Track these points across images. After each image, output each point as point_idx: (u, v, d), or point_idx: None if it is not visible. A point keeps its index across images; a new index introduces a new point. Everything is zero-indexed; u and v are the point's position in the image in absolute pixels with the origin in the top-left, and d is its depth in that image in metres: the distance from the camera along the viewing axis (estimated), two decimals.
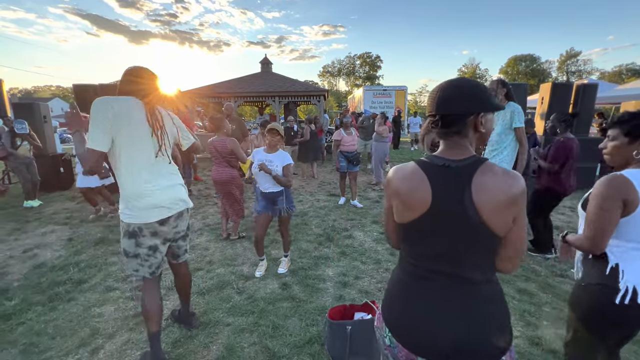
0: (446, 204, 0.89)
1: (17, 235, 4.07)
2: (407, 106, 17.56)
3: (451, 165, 0.91)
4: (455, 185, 0.89)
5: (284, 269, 3.08)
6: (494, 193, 0.86)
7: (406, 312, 0.97)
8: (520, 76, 47.60)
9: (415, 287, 0.98)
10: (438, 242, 0.92)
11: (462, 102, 0.90)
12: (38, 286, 2.85)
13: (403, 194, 0.96)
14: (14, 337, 2.18)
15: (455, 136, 0.93)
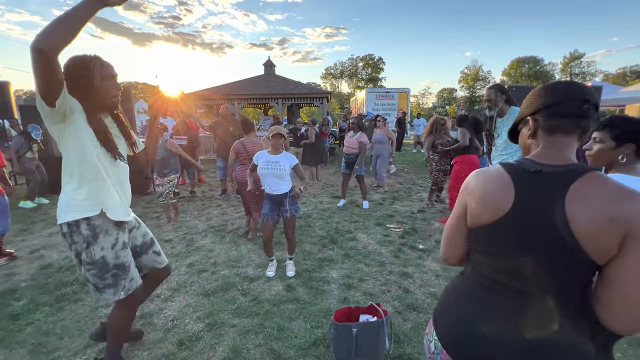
0: (531, 209, 0.77)
1: (24, 236, 4.11)
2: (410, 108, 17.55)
3: (543, 170, 0.79)
4: (545, 193, 0.76)
5: (292, 272, 3.08)
6: (596, 207, 0.70)
7: (459, 319, 0.90)
8: (523, 78, 47.46)
9: (476, 297, 0.88)
10: (518, 254, 0.79)
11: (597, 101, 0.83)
12: (45, 287, 2.87)
13: (480, 193, 0.85)
14: (22, 337, 2.21)
15: (562, 143, 0.81)
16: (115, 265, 1.62)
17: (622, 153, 1.29)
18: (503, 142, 2.93)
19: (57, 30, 1.20)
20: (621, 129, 1.29)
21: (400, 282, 2.92)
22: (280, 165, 2.85)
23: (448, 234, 0.99)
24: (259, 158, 2.95)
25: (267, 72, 14.39)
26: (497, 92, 2.89)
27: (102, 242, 1.59)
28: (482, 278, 0.88)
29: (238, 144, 3.80)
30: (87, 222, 1.56)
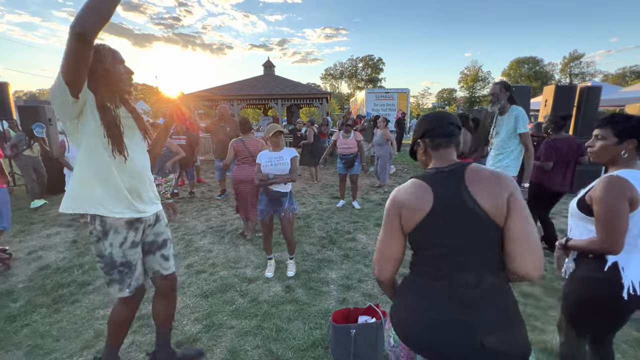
0: (448, 199, 0.99)
1: (22, 237, 4.10)
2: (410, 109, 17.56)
3: (439, 169, 1.06)
4: (452, 183, 1.01)
5: (293, 272, 3.08)
6: (485, 185, 0.98)
7: (410, 310, 1.04)
8: (523, 78, 47.47)
9: (422, 288, 1.03)
10: (446, 237, 0.99)
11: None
12: (42, 288, 2.86)
13: (409, 201, 1.03)
14: (18, 339, 2.19)
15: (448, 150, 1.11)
16: (121, 263, 1.61)
17: (625, 149, 1.32)
18: (500, 141, 2.90)
19: (96, 11, 1.18)
20: (623, 125, 1.32)
21: None
22: (284, 159, 2.91)
23: (382, 250, 1.11)
24: (262, 157, 2.97)
25: (267, 72, 14.40)
26: (501, 87, 2.87)
27: (111, 239, 1.56)
28: (425, 270, 1.04)
29: (238, 142, 3.79)
30: (100, 219, 1.54)
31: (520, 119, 2.78)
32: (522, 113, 2.80)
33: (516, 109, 2.82)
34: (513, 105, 2.86)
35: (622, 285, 1.28)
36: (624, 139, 1.32)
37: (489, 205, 0.95)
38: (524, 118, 2.78)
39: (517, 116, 2.79)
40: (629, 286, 1.27)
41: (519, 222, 0.94)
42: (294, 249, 3.15)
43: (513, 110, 2.83)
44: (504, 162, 2.90)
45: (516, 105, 2.86)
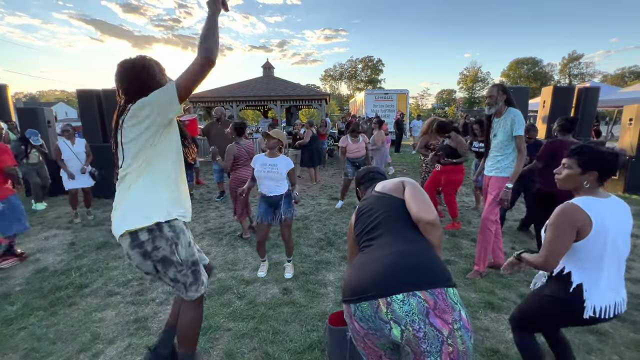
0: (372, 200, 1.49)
1: (20, 239, 4.08)
2: (409, 110, 17.58)
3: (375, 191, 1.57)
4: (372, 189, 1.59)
5: (291, 274, 3.09)
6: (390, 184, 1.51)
7: (353, 270, 1.28)
8: (522, 79, 47.54)
9: (363, 258, 1.29)
10: (371, 218, 1.41)
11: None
12: (40, 291, 2.85)
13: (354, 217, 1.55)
14: (15, 342, 2.19)
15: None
16: (192, 262, 1.62)
17: (587, 179, 1.44)
18: (498, 143, 2.90)
19: (214, 41, 1.43)
20: (588, 157, 1.44)
21: None
22: (277, 168, 2.86)
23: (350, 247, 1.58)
24: (256, 161, 2.95)
25: (266, 74, 14.42)
26: (499, 90, 2.86)
27: (182, 241, 1.56)
28: (366, 249, 1.34)
29: (238, 147, 3.85)
30: (169, 224, 1.51)
31: (517, 121, 2.77)
32: (519, 116, 2.79)
33: (513, 112, 2.81)
34: (510, 108, 2.86)
35: (584, 307, 1.40)
36: (587, 170, 1.43)
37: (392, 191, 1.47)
38: (520, 121, 2.77)
39: (514, 119, 2.78)
40: (591, 308, 1.39)
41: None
42: (292, 252, 3.15)
43: (510, 112, 2.82)
44: (503, 164, 2.90)
45: (513, 108, 2.85)
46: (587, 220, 1.35)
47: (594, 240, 1.36)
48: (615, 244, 1.38)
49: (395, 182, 1.47)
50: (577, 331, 2.20)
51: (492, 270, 3.09)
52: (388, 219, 1.34)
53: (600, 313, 1.39)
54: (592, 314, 1.39)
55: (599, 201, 1.40)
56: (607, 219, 1.36)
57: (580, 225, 1.36)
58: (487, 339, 2.18)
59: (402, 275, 1.12)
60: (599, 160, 1.41)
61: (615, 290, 1.42)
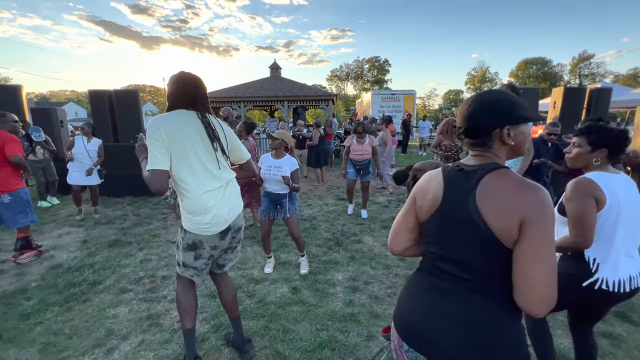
0: (453, 205, 0.94)
1: (35, 237, 4.17)
2: (416, 110, 17.50)
3: (464, 169, 0.96)
4: (463, 187, 0.92)
5: (306, 270, 3.16)
6: (499, 198, 0.85)
7: (404, 299, 1.06)
8: (531, 80, 46.95)
9: (421, 283, 1.03)
10: (448, 242, 0.95)
11: (484, 115, 0.93)
12: (55, 287, 2.92)
13: (423, 190, 1.03)
14: (32, 337, 2.25)
15: (478, 148, 0.97)
16: None
17: (597, 156, 1.48)
18: None
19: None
20: (597, 135, 1.47)
21: None
22: (282, 170, 2.91)
23: (396, 224, 1.13)
24: (263, 162, 3.02)
25: (273, 74, 14.49)
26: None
27: None
28: (427, 265, 1.03)
29: (248, 145, 4.08)
30: None
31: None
32: None
33: None
34: None
35: (596, 280, 1.41)
36: (597, 148, 1.47)
37: (493, 220, 0.84)
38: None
39: None
40: (604, 281, 1.40)
41: (521, 256, 0.81)
42: (303, 247, 3.20)
43: None
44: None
45: None
46: (601, 193, 1.36)
47: (608, 214, 1.37)
48: (629, 217, 1.38)
49: (508, 211, 0.83)
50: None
51: None
52: (456, 265, 0.92)
53: (614, 287, 1.38)
54: (605, 287, 1.39)
55: (610, 176, 1.42)
56: (620, 193, 1.37)
57: (597, 196, 1.36)
58: None
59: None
60: (608, 137, 1.44)
61: (631, 262, 1.42)
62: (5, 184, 3.22)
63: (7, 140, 3.19)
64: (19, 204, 3.31)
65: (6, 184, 3.22)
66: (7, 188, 3.23)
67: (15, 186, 3.30)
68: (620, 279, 1.39)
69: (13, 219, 3.29)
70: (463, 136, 0.99)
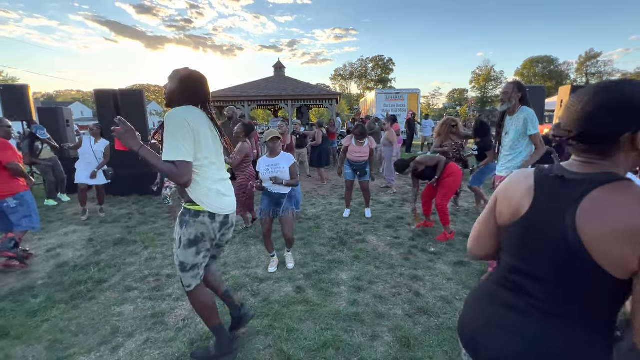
0: (543, 217, 0.79)
1: (41, 235, 4.23)
2: (420, 109, 17.42)
3: (566, 177, 0.78)
4: (562, 198, 0.76)
5: (292, 264, 3.26)
6: (614, 217, 0.68)
7: (469, 306, 0.99)
8: (537, 78, 46.49)
9: (489, 290, 0.95)
10: (528, 255, 0.83)
11: (611, 116, 0.72)
12: (61, 284, 2.95)
13: (506, 193, 0.91)
14: (39, 334, 2.27)
15: (592, 155, 0.77)
16: None
17: None
18: (510, 141, 2.87)
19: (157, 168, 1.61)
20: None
21: (411, 285, 2.89)
22: (280, 166, 3.00)
23: (476, 227, 1.03)
24: (260, 164, 3.09)
25: (277, 73, 14.48)
26: (514, 87, 2.82)
27: None
28: (498, 275, 0.93)
29: (249, 148, 4.15)
30: None
31: (530, 120, 2.72)
32: (532, 114, 2.73)
33: (525, 110, 2.76)
34: (523, 107, 2.81)
35: None
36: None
37: (598, 244, 0.69)
38: (533, 119, 2.72)
39: (526, 118, 2.73)
40: None
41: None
42: (292, 245, 3.31)
43: (522, 111, 2.78)
44: (514, 163, 2.86)
45: (526, 107, 2.80)
46: None
47: None
48: None
49: (624, 240, 0.67)
50: None
51: None
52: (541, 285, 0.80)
53: None
54: None
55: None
56: None
57: None
58: None
59: None
60: None
61: None
62: (7, 188, 3.20)
63: (1, 147, 3.15)
64: (25, 208, 3.30)
65: (8, 188, 3.20)
66: (10, 192, 3.21)
67: (19, 189, 3.28)
68: None
69: (18, 222, 3.29)
70: (573, 142, 0.78)
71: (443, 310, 2.51)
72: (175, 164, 1.57)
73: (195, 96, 1.75)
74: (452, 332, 2.25)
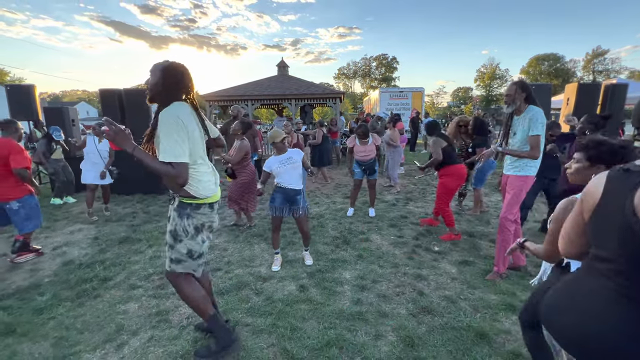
0: (610, 206, 0.91)
1: (48, 234, 4.27)
2: (425, 108, 17.33)
3: (630, 169, 0.90)
4: (624, 188, 0.87)
5: (311, 261, 3.33)
6: None
7: (558, 293, 1.09)
8: (543, 76, 46.02)
9: (577, 278, 1.06)
10: (603, 242, 0.94)
11: None
12: (67, 282, 2.97)
13: (588, 192, 1.01)
14: (45, 331, 2.29)
15: None
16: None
17: (595, 172, 1.44)
18: (517, 142, 2.82)
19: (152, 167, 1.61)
20: (595, 150, 1.45)
21: (415, 285, 2.88)
22: (294, 159, 3.13)
23: (565, 227, 1.12)
24: (272, 163, 3.10)
25: (281, 72, 14.47)
26: (517, 88, 2.77)
27: None
28: (584, 264, 1.04)
29: (248, 148, 4.19)
30: None
31: (534, 120, 2.66)
32: (537, 114, 2.66)
33: (531, 110, 2.70)
34: (530, 106, 2.76)
35: None
36: (595, 164, 1.46)
37: None
38: (537, 120, 2.65)
39: (532, 117, 2.68)
40: None
41: None
42: (309, 243, 3.39)
43: (528, 111, 2.73)
44: (522, 162, 2.82)
45: (533, 106, 2.75)
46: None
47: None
48: None
49: None
50: None
51: (513, 272, 3.02)
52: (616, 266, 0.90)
53: None
54: None
55: None
56: None
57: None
58: (509, 342, 2.13)
59: None
60: (606, 153, 1.42)
61: None
62: (12, 192, 3.26)
63: (13, 150, 3.20)
64: (26, 211, 3.36)
65: (13, 192, 3.27)
66: (14, 195, 3.28)
67: (23, 193, 3.33)
68: None
69: (21, 225, 3.35)
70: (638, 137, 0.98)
71: (447, 309, 2.50)
72: (172, 164, 1.57)
73: (177, 87, 1.73)
74: (456, 331, 2.23)
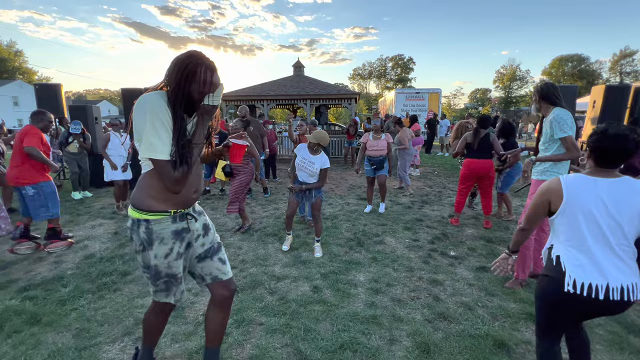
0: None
1: (71, 227, 4.42)
2: (441, 109, 17.05)
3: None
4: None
5: (320, 253, 3.46)
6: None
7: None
8: (566, 78, 44.45)
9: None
10: None
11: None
12: (88, 275, 3.07)
13: None
14: (68, 322, 2.37)
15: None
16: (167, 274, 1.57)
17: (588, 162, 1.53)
18: (542, 144, 2.76)
19: None
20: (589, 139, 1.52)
21: (430, 290, 2.82)
22: (315, 166, 3.28)
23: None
24: (300, 150, 3.40)
25: (297, 73, 14.54)
26: (534, 92, 2.82)
27: (156, 250, 1.49)
28: None
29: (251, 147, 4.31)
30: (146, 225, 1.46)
31: (556, 122, 2.55)
32: (559, 116, 2.54)
33: (555, 112, 2.60)
34: (555, 108, 2.66)
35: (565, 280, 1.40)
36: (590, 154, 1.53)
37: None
38: (560, 121, 2.53)
39: (552, 120, 2.58)
40: (571, 282, 1.38)
41: None
42: (320, 232, 3.55)
43: (552, 113, 2.65)
44: (543, 166, 2.73)
45: (558, 108, 2.64)
46: (556, 195, 1.46)
47: (563, 214, 1.45)
48: (597, 223, 1.38)
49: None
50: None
51: (533, 280, 2.92)
52: None
53: (582, 290, 1.35)
54: (572, 288, 1.37)
55: (589, 179, 1.44)
56: (586, 197, 1.40)
57: (552, 199, 1.48)
58: (530, 353, 2.06)
59: None
60: (594, 142, 1.47)
61: (600, 272, 1.36)
62: (28, 176, 3.32)
63: (28, 133, 3.27)
64: (41, 198, 3.42)
65: (29, 176, 3.33)
66: (30, 180, 3.33)
67: (39, 179, 3.39)
68: (591, 283, 1.35)
69: (35, 212, 3.44)
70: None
71: (464, 316, 2.44)
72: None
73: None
74: (474, 339, 2.17)
